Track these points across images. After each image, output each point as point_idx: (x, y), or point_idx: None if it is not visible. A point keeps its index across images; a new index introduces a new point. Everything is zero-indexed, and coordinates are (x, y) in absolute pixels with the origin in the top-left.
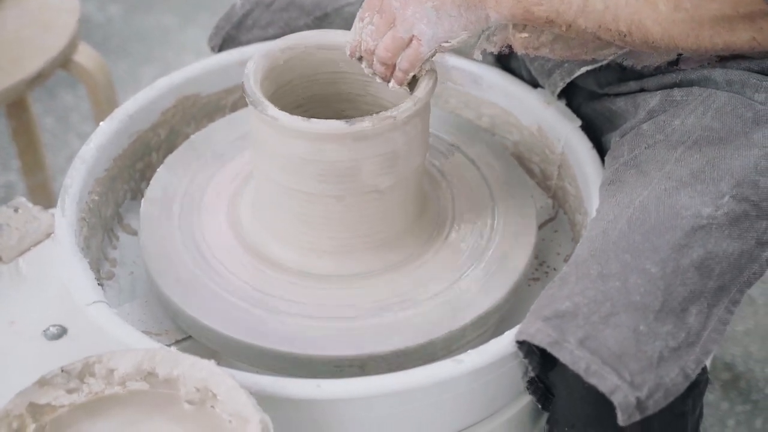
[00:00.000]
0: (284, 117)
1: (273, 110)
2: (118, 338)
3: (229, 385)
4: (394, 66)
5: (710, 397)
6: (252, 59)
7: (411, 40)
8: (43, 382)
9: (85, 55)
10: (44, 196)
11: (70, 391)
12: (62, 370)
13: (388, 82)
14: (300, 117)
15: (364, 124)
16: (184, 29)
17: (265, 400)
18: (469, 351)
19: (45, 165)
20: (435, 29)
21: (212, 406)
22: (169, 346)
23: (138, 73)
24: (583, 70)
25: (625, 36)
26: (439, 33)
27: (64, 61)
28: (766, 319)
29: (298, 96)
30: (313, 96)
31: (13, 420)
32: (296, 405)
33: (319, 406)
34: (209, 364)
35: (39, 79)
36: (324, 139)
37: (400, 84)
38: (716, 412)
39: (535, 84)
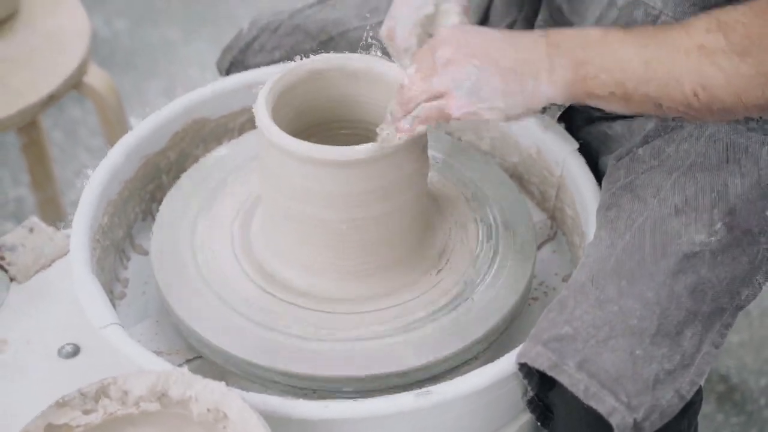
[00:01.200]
0: (282, 139)
1: (274, 132)
2: (133, 360)
3: (240, 406)
4: (409, 111)
5: (705, 408)
6: (267, 82)
7: (442, 96)
8: (61, 404)
9: (96, 77)
10: (54, 210)
11: (86, 412)
12: (80, 392)
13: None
14: (298, 140)
15: (358, 151)
16: (188, 43)
17: (274, 420)
18: (472, 372)
19: (54, 180)
20: (471, 93)
21: (224, 427)
22: (180, 365)
23: (144, 87)
24: None
25: (690, 101)
26: (474, 98)
27: (75, 83)
28: (761, 330)
29: (312, 120)
30: (327, 120)
31: None
32: (304, 425)
33: (326, 426)
34: (221, 386)
35: (51, 101)
36: (320, 164)
37: (403, 133)
38: (711, 423)
39: None
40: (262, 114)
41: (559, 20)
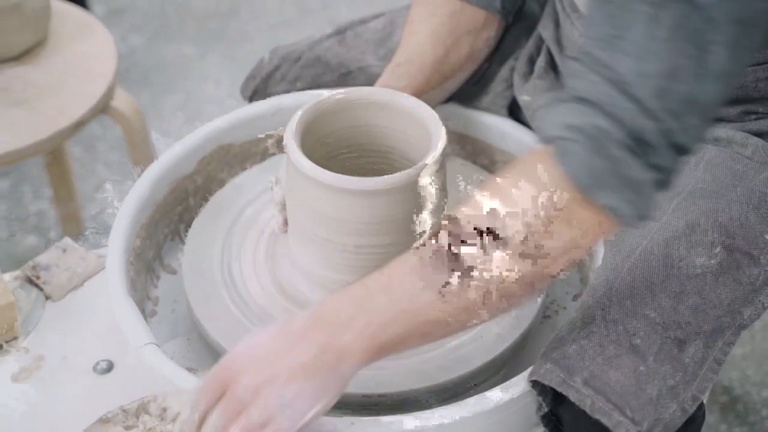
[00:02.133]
0: (306, 166)
1: (301, 160)
2: (169, 378)
3: None
4: None
5: (709, 419)
6: (297, 112)
7: (268, 423)
8: (104, 420)
9: (122, 101)
10: (74, 224)
11: (127, 428)
12: (121, 409)
13: None
14: (321, 168)
15: (374, 181)
16: (203, 59)
17: None
18: (493, 389)
19: (76, 195)
20: (293, 408)
21: None
22: None
23: (160, 103)
24: None
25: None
26: (296, 415)
27: (103, 107)
28: (763, 343)
29: (338, 146)
30: (350, 147)
31: None
32: None
33: None
34: None
35: (80, 126)
36: (337, 192)
37: None
38: None
39: None
40: (290, 142)
41: (554, 70)
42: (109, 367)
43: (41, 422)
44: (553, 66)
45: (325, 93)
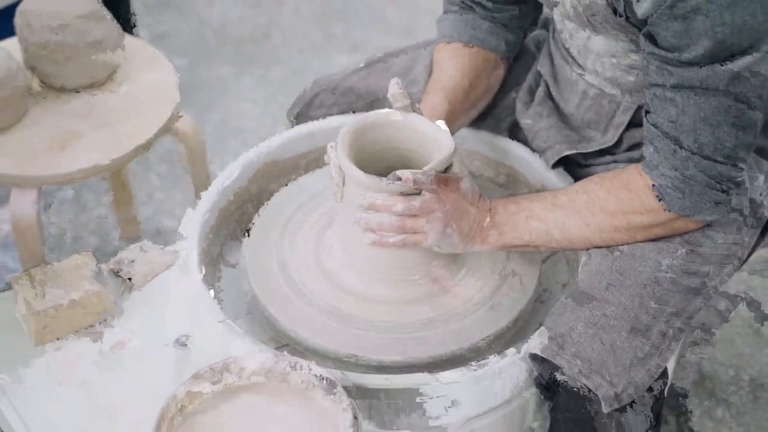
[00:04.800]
0: (353, 171)
1: (346, 163)
2: (244, 346)
3: (326, 379)
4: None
5: (683, 394)
6: (341, 132)
7: (419, 232)
8: (197, 376)
9: (185, 122)
10: (132, 228)
11: (213, 383)
12: (210, 368)
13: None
14: (358, 169)
15: (391, 183)
16: (239, 79)
17: (350, 390)
18: (498, 354)
19: (133, 202)
20: (440, 239)
21: (313, 394)
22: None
23: (202, 120)
24: (570, 152)
25: (570, 245)
26: (438, 242)
27: (168, 128)
28: (730, 329)
29: (375, 161)
30: (389, 164)
31: (178, 402)
32: (372, 393)
33: (391, 394)
34: (311, 364)
35: (151, 144)
36: (367, 187)
37: (379, 243)
38: (687, 405)
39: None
40: (342, 154)
41: (551, 99)
42: (186, 341)
43: (134, 385)
44: (549, 96)
45: (350, 118)
